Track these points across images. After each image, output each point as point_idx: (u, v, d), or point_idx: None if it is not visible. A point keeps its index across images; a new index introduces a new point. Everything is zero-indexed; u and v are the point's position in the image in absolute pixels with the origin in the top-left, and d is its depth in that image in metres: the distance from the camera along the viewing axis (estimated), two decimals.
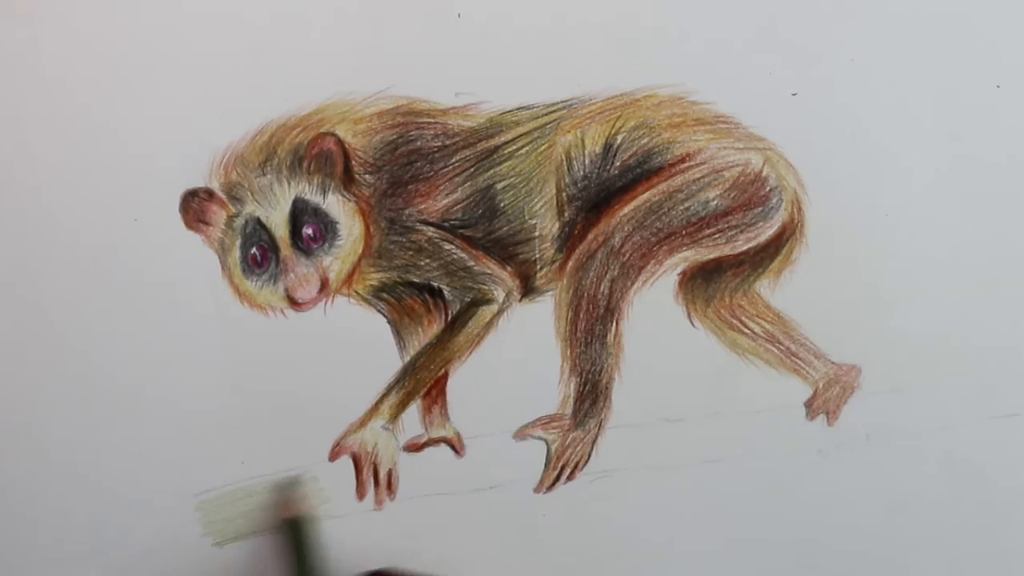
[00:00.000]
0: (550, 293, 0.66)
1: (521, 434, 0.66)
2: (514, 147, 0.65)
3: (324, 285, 0.64)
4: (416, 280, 0.65)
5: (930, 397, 0.67)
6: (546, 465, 0.67)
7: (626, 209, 0.65)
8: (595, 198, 0.65)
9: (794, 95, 0.65)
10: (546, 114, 0.64)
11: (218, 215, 0.63)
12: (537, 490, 0.67)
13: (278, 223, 0.63)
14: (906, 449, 0.67)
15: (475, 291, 0.65)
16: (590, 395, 0.66)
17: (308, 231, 0.63)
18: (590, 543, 0.67)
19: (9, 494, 0.63)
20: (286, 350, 0.64)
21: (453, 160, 0.64)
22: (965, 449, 0.68)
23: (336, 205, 0.63)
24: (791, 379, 0.67)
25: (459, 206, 0.65)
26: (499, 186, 0.65)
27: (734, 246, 0.66)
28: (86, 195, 0.62)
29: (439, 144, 0.64)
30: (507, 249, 0.65)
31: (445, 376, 0.66)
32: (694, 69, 0.65)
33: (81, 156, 0.62)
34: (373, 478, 0.65)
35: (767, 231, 0.66)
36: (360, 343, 0.65)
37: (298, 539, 0.63)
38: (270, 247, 0.63)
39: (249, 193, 0.63)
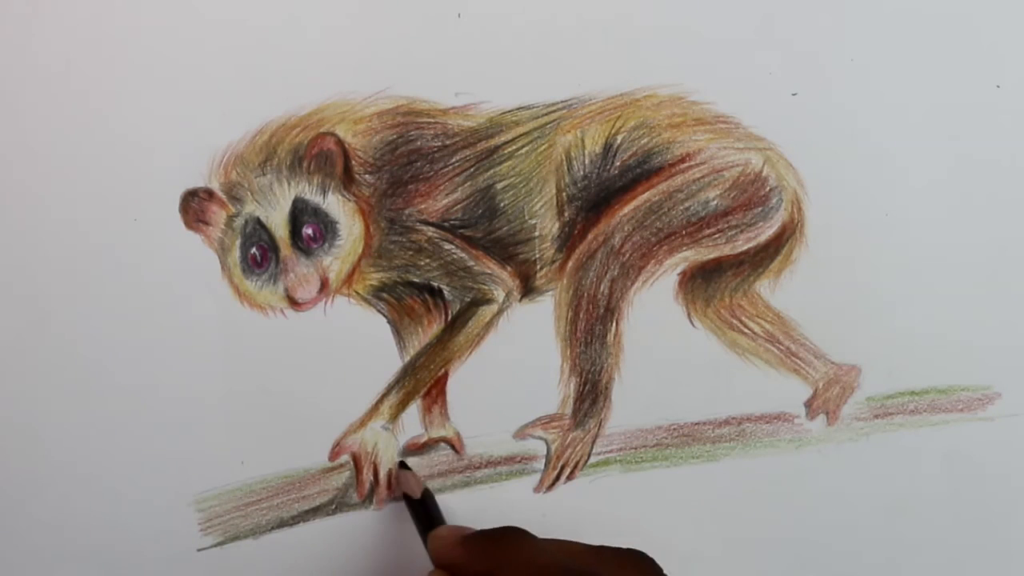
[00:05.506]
0: (550, 293, 0.66)
1: (521, 434, 0.66)
2: (514, 147, 0.64)
3: (324, 285, 0.63)
4: (416, 280, 0.65)
5: (930, 397, 0.67)
6: (546, 465, 0.66)
7: (626, 209, 0.65)
8: (595, 198, 0.65)
9: (794, 95, 0.65)
10: (546, 114, 0.64)
11: (218, 215, 0.63)
12: (537, 490, 0.67)
13: (278, 223, 0.63)
14: (906, 449, 0.67)
15: (475, 291, 0.65)
16: (590, 395, 0.66)
17: (308, 231, 0.63)
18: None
19: (9, 494, 0.63)
20: (286, 350, 0.64)
21: (453, 160, 0.64)
22: (965, 449, 0.68)
23: (336, 205, 0.63)
24: (791, 379, 0.67)
25: (459, 206, 0.65)
26: (499, 186, 0.65)
27: (734, 246, 0.66)
28: (86, 195, 0.62)
29: (439, 144, 0.64)
30: (507, 249, 0.65)
31: (445, 376, 0.65)
32: (694, 69, 0.64)
33: (80, 156, 0.62)
34: (373, 478, 0.65)
35: (767, 231, 0.66)
36: (360, 343, 0.65)
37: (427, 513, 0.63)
38: (270, 247, 0.63)
39: (249, 193, 0.63)
